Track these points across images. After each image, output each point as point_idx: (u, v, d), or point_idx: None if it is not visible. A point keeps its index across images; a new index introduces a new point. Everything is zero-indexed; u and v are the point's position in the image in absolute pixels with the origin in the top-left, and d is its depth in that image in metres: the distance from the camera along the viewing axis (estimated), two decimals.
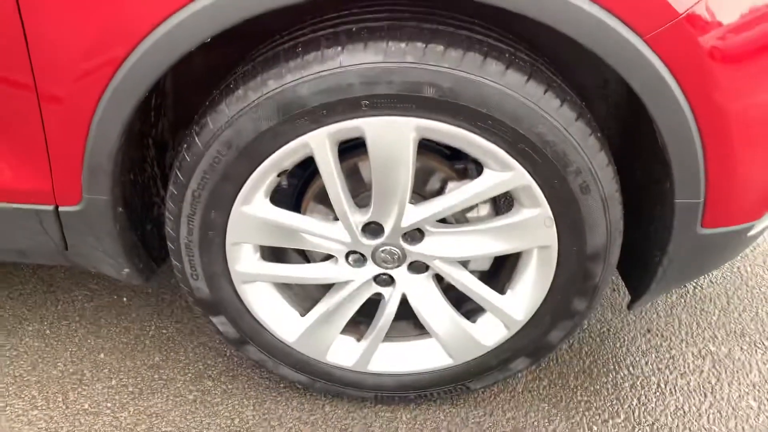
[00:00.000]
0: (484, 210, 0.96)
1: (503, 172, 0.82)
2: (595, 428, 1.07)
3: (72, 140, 0.82)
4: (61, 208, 0.90)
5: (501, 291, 0.98)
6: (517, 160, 0.81)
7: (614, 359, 1.20)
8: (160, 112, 0.98)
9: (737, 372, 1.18)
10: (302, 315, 1.02)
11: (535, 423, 1.08)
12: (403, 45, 0.74)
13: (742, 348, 1.23)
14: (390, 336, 1.03)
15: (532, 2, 0.69)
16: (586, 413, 1.10)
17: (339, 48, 0.75)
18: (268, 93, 0.77)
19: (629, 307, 1.05)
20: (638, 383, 1.15)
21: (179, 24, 0.72)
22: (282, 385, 1.14)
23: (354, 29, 0.76)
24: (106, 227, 0.91)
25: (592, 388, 1.14)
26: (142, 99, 0.80)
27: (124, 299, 1.34)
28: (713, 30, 0.71)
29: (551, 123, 0.77)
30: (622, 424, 1.08)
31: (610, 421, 1.09)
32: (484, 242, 0.91)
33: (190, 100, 0.94)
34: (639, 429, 1.07)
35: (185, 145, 0.85)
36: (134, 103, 0.79)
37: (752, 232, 0.92)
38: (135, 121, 0.84)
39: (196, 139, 0.83)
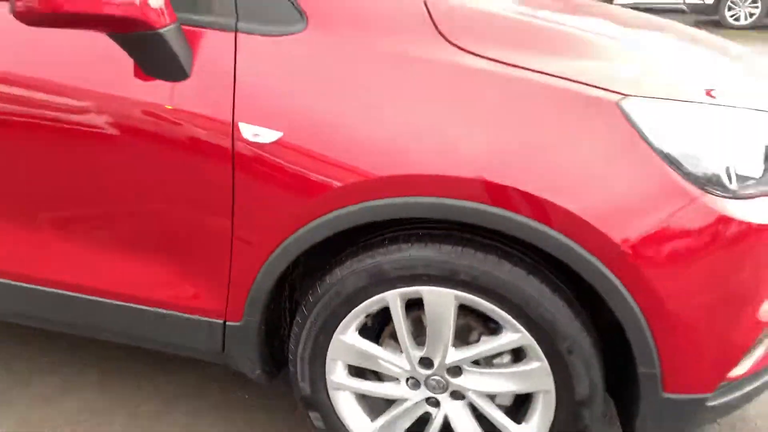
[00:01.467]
0: (506, 358, 1.33)
1: (514, 333, 1.21)
2: None
3: (248, 276, 1.32)
4: (227, 323, 1.40)
5: (518, 422, 1.32)
6: (523, 326, 1.19)
7: None
8: (296, 266, 1.48)
9: None
10: (372, 421, 1.41)
11: None
12: (449, 247, 1.19)
13: None
14: None
15: (517, 226, 1.11)
16: None
17: (410, 244, 1.22)
18: (364, 266, 1.25)
19: None
20: None
21: (318, 224, 1.22)
22: None
23: (420, 233, 1.23)
24: (252, 339, 1.39)
25: None
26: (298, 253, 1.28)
27: (246, 396, 1.80)
28: (644, 249, 1.09)
29: (545, 306, 1.17)
30: None
31: None
32: (503, 382, 1.28)
33: (314, 263, 1.42)
34: None
35: (310, 291, 1.33)
36: (289, 260, 1.28)
37: (711, 404, 1.21)
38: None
39: (318, 288, 1.30)
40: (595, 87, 1.11)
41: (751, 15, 9.93)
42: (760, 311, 1.18)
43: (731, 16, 10.09)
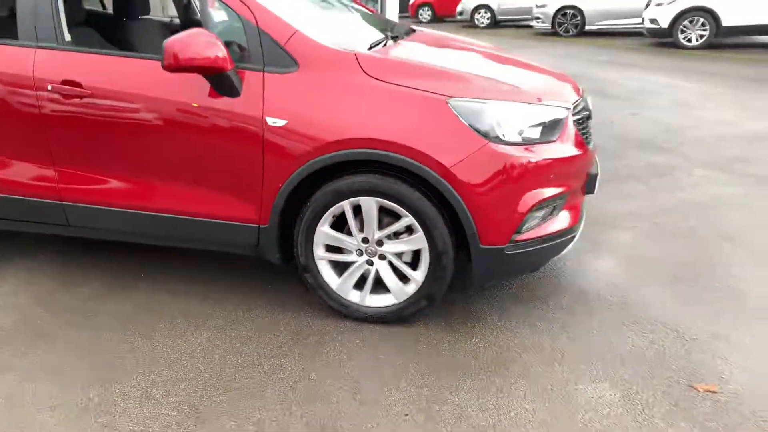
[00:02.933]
0: (404, 233, 2.51)
1: (406, 218, 2.39)
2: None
3: (272, 197, 2.50)
4: (261, 226, 2.59)
5: (414, 269, 2.50)
6: (410, 214, 2.37)
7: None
8: (298, 191, 2.65)
9: None
10: (338, 277, 2.60)
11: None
12: (372, 175, 2.39)
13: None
14: (373, 290, 2.57)
15: (399, 161, 2.31)
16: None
17: (353, 176, 2.41)
18: (331, 189, 2.44)
19: (467, 288, 2.51)
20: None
21: (305, 166, 2.42)
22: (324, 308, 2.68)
23: (358, 170, 2.43)
24: (275, 235, 2.58)
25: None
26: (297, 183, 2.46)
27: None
28: (459, 167, 2.28)
29: (419, 203, 2.35)
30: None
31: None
32: (404, 246, 2.46)
33: (306, 189, 2.60)
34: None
35: (305, 204, 2.51)
36: (292, 187, 2.46)
37: (508, 252, 2.38)
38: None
39: (308, 202, 2.49)
40: (437, 93, 2.32)
41: (702, 36, 11.18)
42: (525, 199, 2.36)
43: (684, 38, 11.35)
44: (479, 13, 17.82)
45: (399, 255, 2.52)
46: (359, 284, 2.61)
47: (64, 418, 2.10)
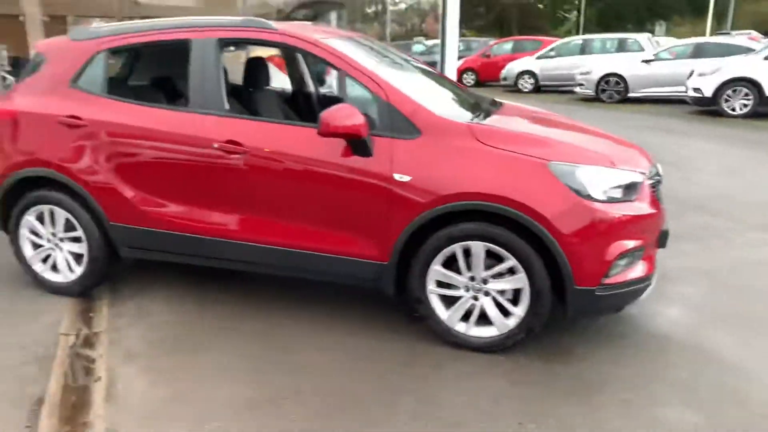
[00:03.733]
0: (506, 273, 2.97)
1: (510, 261, 2.87)
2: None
3: (393, 239, 3.00)
4: (383, 263, 3.08)
5: (515, 305, 2.95)
6: (513, 257, 2.85)
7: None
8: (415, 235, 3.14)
9: None
10: (446, 309, 3.06)
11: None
12: (482, 223, 2.90)
13: None
14: (477, 323, 3.02)
15: (512, 214, 2.81)
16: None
17: (464, 223, 2.93)
18: (444, 234, 2.94)
19: (562, 321, 2.94)
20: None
21: (422, 216, 2.93)
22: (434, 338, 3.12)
23: (468, 218, 2.94)
24: (393, 271, 3.07)
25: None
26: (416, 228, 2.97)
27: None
28: (562, 222, 2.76)
29: (522, 248, 2.83)
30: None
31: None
32: (506, 284, 2.92)
33: (422, 233, 3.11)
34: None
35: (421, 246, 3.01)
36: (411, 232, 2.96)
37: (598, 294, 2.82)
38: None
39: (425, 244, 2.98)
40: (537, 157, 2.83)
41: (745, 106, 11.61)
42: (612, 249, 2.81)
43: (728, 107, 11.79)
44: (523, 78, 18.63)
45: (501, 292, 2.97)
46: (465, 317, 3.06)
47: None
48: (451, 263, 3.02)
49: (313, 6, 15.07)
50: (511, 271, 2.92)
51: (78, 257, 3.68)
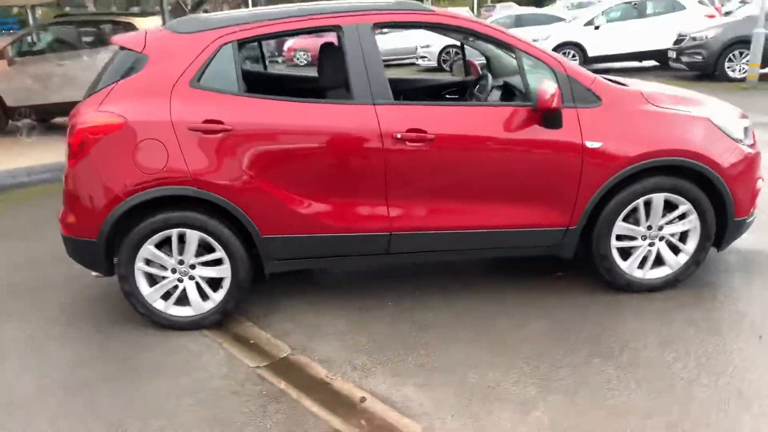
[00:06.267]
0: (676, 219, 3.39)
1: (684, 205, 3.29)
2: None
3: (586, 200, 3.19)
4: (569, 228, 3.28)
5: (684, 243, 3.38)
6: (696, 204, 3.27)
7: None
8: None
9: None
10: (624, 260, 3.39)
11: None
12: None
13: None
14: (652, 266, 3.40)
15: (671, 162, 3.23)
16: None
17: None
18: (630, 190, 3.25)
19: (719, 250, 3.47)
20: None
21: (622, 173, 3.20)
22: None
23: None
24: (578, 234, 3.28)
25: None
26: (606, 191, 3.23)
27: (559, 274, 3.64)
28: (724, 161, 3.24)
29: (700, 197, 3.25)
30: None
31: None
32: (680, 227, 3.35)
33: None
34: None
35: (608, 203, 3.28)
36: (606, 191, 3.21)
37: (748, 221, 3.38)
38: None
39: (611, 202, 3.26)
40: (699, 114, 3.26)
41: None
42: (755, 184, 3.38)
43: None
44: None
45: (673, 235, 3.38)
46: (641, 264, 3.41)
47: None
48: (627, 217, 3.33)
49: None
50: (682, 216, 3.33)
51: (214, 283, 3.23)
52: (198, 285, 3.21)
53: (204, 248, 3.15)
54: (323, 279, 3.87)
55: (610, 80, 3.47)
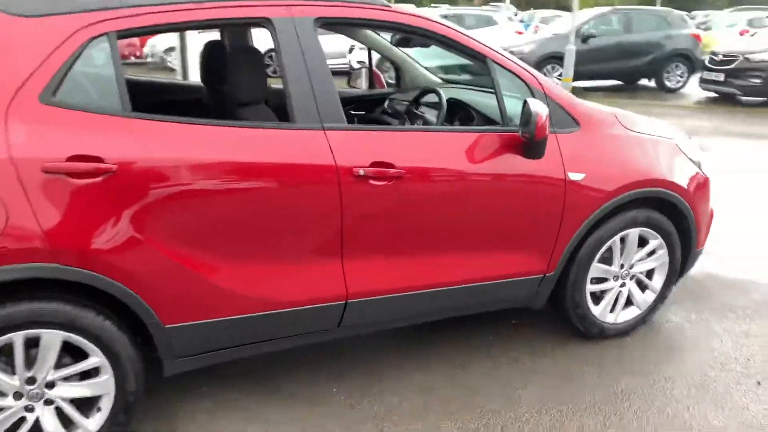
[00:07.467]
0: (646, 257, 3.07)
1: (655, 240, 2.96)
2: None
3: (565, 243, 2.69)
4: (546, 275, 2.74)
5: (650, 280, 3.07)
6: (661, 238, 2.96)
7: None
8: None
9: None
10: (595, 305, 2.97)
11: None
12: None
13: None
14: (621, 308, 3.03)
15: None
16: None
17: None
18: (609, 225, 2.82)
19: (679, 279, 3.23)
20: None
21: (604, 207, 2.74)
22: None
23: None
24: (553, 282, 2.78)
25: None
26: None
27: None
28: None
29: (669, 228, 2.95)
30: None
31: None
32: (651, 264, 3.02)
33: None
34: None
35: (584, 245, 2.80)
36: (586, 230, 2.70)
37: (701, 252, 3.17)
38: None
39: (585, 245, 2.80)
40: (665, 137, 2.96)
41: None
42: (710, 214, 3.20)
43: None
44: (170, 55, 17.14)
45: (642, 272, 3.03)
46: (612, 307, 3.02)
47: None
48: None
49: None
50: (652, 252, 3.00)
51: (86, 404, 2.10)
52: (59, 411, 2.05)
53: (70, 355, 2.02)
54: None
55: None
